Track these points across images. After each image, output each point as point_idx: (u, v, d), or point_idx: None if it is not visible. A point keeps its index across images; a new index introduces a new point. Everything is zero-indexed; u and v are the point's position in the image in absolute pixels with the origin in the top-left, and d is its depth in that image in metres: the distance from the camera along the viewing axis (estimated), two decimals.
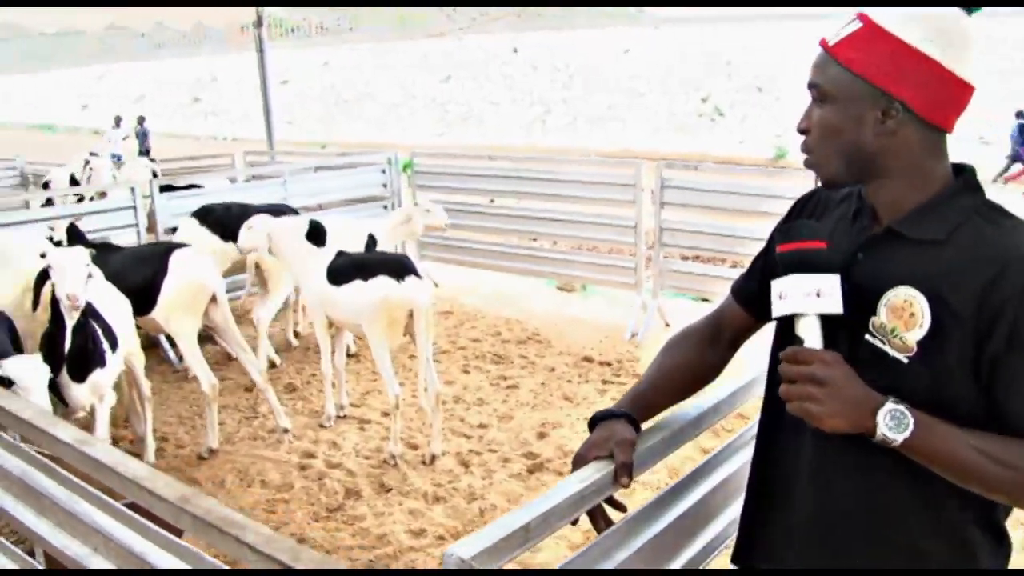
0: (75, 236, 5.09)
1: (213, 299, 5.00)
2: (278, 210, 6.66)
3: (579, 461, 1.66)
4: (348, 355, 5.66)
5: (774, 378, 1.55)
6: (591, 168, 7.76)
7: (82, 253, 4.00)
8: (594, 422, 1.72)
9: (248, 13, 9.62)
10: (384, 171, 8.54)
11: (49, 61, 41.63)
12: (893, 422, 1.31)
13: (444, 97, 32.27)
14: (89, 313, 4.11)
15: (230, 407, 5.77)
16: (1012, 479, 1.30)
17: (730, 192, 6.62)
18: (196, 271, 4.96)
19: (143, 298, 4.93)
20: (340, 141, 26.99)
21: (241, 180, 9.36)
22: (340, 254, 5.20)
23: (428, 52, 36.91)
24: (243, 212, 6.37)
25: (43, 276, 4.17)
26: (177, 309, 4.91)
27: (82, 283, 3.89)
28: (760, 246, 1.71)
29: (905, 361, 1.37)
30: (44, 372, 3.81)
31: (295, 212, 6.79)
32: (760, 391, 1.75)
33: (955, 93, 1.38)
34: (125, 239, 6.50)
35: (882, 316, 1.40)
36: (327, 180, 8.36)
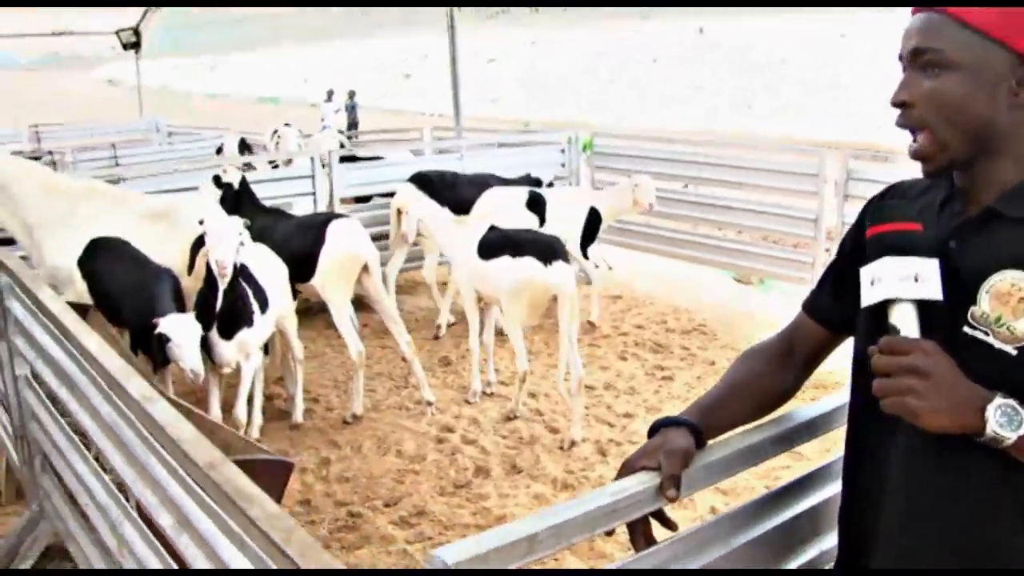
0: (245, 194, 5.31)
1: (366, 269, 5.09)
2: (483, 181, 6.89)
3: (625, 468, 1.51)
4: (499, 333, 5.63)
5: (859, 382, 1.42)
6: (773, 155, 7.35)
7: (235, 223, 4.16)
8: (655, 429, 1.55)
9: None
10: (563, 150, 8.44)
11: (278, 39, 44.58)
12: (1004, 418, 1.16)
13: (647, 79, 31.81)
14: (242, 276, 4.28)
15: (384, 375, 5.90)
16: None
17: None
18: (350, 241, 5.05)
19: (304, 266, 5.10)
20: (542, 120, 27.21)
21: (428, 153, 9.55)
22: (492, 228, 5.16)
23: (637, 34, 36.44)
24: (455, 180, 6.88)
25: (199, 242, 4.38)
26: (331, 277, 5.03)
27: (232, 251, 4.05)
28: None
29: (1014, 353, 1.21)
30: (196, 330, 4.03)
31: (503, 181, 7.00)
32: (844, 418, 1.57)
33: None
34: (303, 207, 6.76)
35: (984, 305, 1.25)
36: (503, 157, 8.35)
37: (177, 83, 42.83)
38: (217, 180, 5.35)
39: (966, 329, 1.26)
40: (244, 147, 10.17)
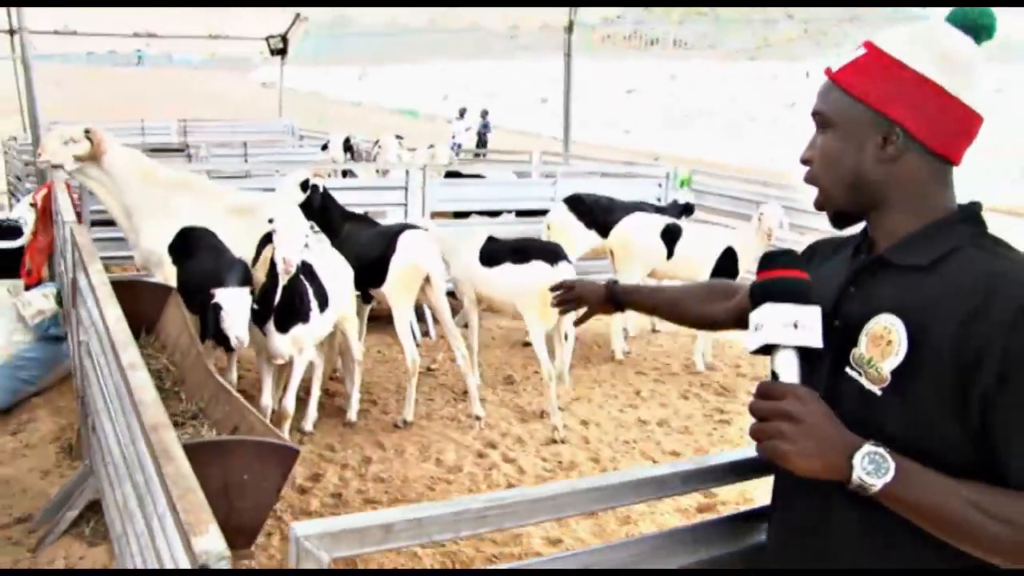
0: (330, 201, 5.59)
1: (428, 280, 5.27)
2: (636, 206, 7.25)
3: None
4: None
5: None
6: None
7: (303, 225, 4.42)
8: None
9: (559, 18, 9.93)
10: (660, 184, 8.46)
11: (426, 55, 46.04)
12: (872, 466, 1.19)
13: (787, 122, 31.16)
14: (306, 275, 4.53)
15: (446, 387, 6.06)
16: (1010, 537, 1.15)
17: None
18: (417, 252, 5.25)
19: (376, 271, 5.32)
20: (672, 154, 27.08)
21: (535, 176, 9.73)
22: (491, 239, 5.59)
23: (780, 75, 35.81)
24: (610, 204, 7.26)
25: (267, 238, 4.66)
26: (396, 284, 5.24)
27: (297, 250, 4.29)
28: None
29: (879, 393, 1.28)
30: (246, 301, 4.29)
31: (657, 209, 7.36)
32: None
33: (961, 122, 1.32)
34: (395, 216, 7.04)
35: (862, 347, 1.32)
36: (601, 186, 8.40)
37: (326, 89, 44.83)
38: (304, 184, 5.64)
39: (847, 369, 1.33)
40: (347, 147, 10.60)
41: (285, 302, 4.42)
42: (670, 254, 6.58)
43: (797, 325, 1.28)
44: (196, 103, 28.59)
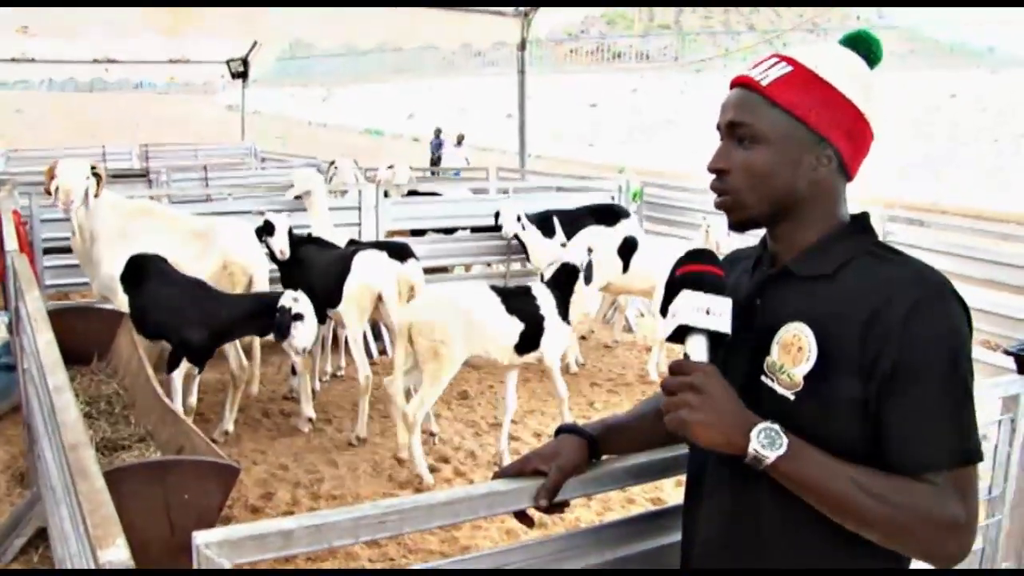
0: (268, 229, 5.63)
1: (381, 299, 5.35)
2: (606, 210, 7.51)
3: (517, 464, 1.68)
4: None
5: None
6: None
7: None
8: (560, 431, 1.72)
9: (513, 35, 10.07)
10: (613, 197, 8.59)
11: (389, 74, 46.09)
12: (767, 440, 1.28)
13: None
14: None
15: None
16: (886, 515, 1.26)
17: (954, 253, 5.95)
18: (369, 273, 5.33)
19: (332, 292, 5.41)
20: (637, 167, 27.31)
21: (492, 192, 9.84)
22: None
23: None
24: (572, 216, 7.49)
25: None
26: (350, 304, 5.32)
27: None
28: None
29: (792, 398, 1.36)
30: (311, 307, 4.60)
31: (626, 214, 7.58)
32: None
33: (868, 142, 1.43)
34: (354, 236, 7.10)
35: (774, 354, 1.39)
36: (549, 200, 8.47)
37: (291, 111, 44.77)
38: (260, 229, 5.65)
39: (762, 377, 1.41)
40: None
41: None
42: (626, 267, 6.68)
43: (709, 311, 1.36)
44: (161, 127, 28.48)
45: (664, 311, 1.49)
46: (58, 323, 2.87)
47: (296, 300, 4.68)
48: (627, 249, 6.72)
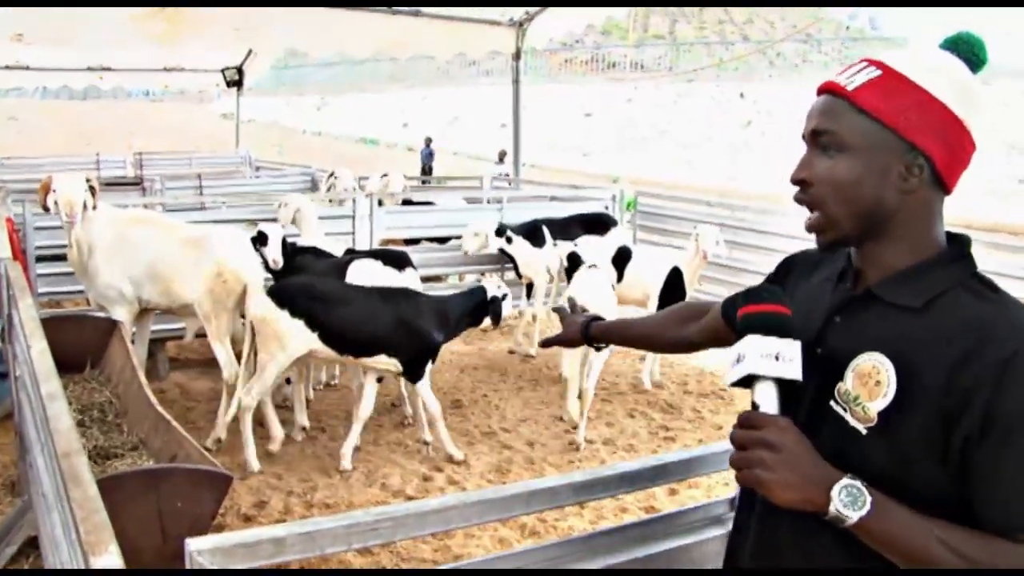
0: (261, 240, 5.62)
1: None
2: (594, 220, 7.60)
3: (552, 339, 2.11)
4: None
5: None
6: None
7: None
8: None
9: (508, 45, 10.11)
10: (607, 207, 8.62)
11: (386, 83, 46.27)
12: (849, 499, 1.20)
13: (742, 141, 31.73)
14: None
15: (395, 412, 6.12)
16: (966, 569, 1.17)
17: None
18: (364, 282, 5.35)
19: None
20: (631, 176, 27.40)
21: (485, 201, 9.87)
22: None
23: (740, 94, 36.43)
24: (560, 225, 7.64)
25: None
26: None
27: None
28: None
29: (864, 432, 1.28)
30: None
31: (615, 223, 7.78)
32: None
33: (968, 153, 1.31)
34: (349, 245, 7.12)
35: (848, 382, 1.31)
36: (550, 210, 8.52)
37: (287, 120, 44.86)
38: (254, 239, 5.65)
39: (832, 403, 1.33)
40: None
41: None
42: (620, 277, 6.70)
43: (779, 357, 1.29)
44: (157, 136, 28.52)
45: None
46: (51, 331, 2.86)
47: (498, 286, 5.37)
48: (621, 259, 6.75)
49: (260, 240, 5.53)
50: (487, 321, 5.37)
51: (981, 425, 1.18)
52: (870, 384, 1.28)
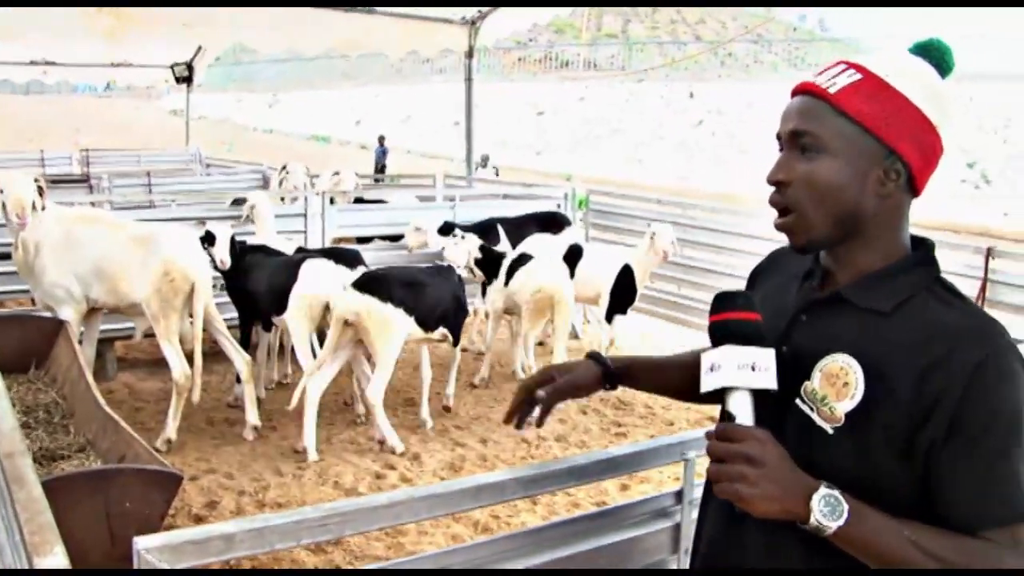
0: (208, 239, 5.57)
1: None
2: (550, 218, 7.71)
3: (542, 372, 1.80)
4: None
5: None
6: (753, 221, 7.42)
7: None
8: (590, 357, 1.81)
9: (461, 43, 10.10)
10: (559, 205, 8.66)
11: (338, 81, 45.88)
12: (827, 508, 1.21)
13: (693, 140, 32.02)
14: None
15: (347, 411, 6.10)
16: (937, 569, 1.20)
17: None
18: (317, 282, 5.36)
19: (279, 300, 5.45)
20: (583, 175, 27.55)
21: (439, 200, 9.84)
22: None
23: (691, 94, 36.72)
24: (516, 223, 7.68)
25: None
26: (297, 312, 5.33)
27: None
28: None
29: (830, 432, 1.31)
30: None
31: (569, 222, 7.86)
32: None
33: (938, 156, 1.34)
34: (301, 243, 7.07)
35: (815, 382, 1.33)
36: (495, 208, 8.48)
37: (238, 116, 44.30)
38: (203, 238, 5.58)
39: (798, 401, 1.35)
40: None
41: None
42: (571, 274, 6.75)
43: (755, 367, 1.28)
44: (104, 132, 27.97)
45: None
46: None
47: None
48: (572, 257, 6.81)
49: (208, 240, 5.47)
50: None
51: (948, 427, 1.21)
52: (838, 385, 1.30)
